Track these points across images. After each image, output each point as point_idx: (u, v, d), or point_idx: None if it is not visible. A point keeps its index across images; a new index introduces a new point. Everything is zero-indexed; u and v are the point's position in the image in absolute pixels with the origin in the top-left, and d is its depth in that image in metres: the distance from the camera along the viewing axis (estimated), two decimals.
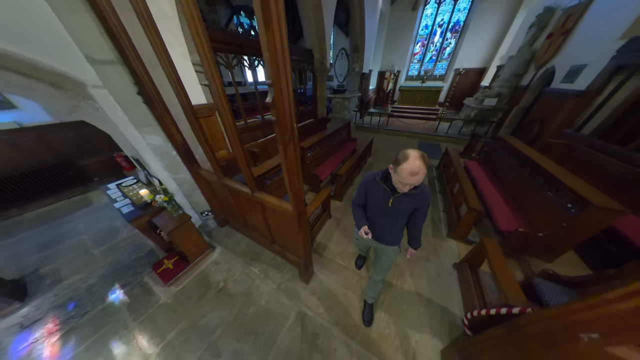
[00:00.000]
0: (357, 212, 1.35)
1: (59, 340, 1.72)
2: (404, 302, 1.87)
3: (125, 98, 1.60)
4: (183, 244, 2.16)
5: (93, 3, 1.23)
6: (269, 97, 0.78)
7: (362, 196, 1.31)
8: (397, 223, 1.28)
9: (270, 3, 0.61)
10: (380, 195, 1.19)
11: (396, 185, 1.06)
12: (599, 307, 0.63)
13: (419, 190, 1.10)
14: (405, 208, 1.18)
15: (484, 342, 1.13)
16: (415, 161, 0.90)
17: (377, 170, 1.23)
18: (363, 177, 1.28)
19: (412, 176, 0.93)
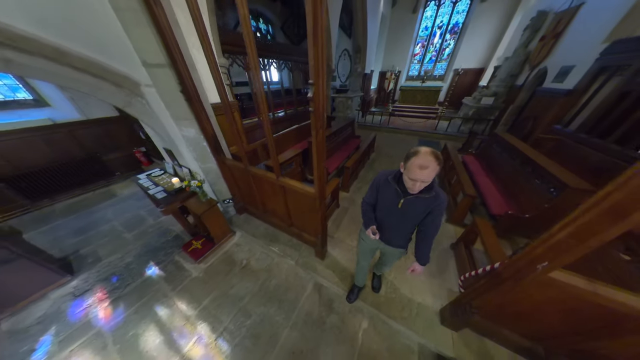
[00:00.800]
0: (366, 211, 1.30)
1: (110, 305, 2.00)
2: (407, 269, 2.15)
3: (169, 95, 1.87)
4: (211, 226, 2.44)
5: (155, 19, 1.50)
6: (310, 93, 1.05)
7: (374, 195, 1.25)
8: (406, 226, 1.22)
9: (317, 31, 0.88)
10: (391, 196, 1.13)
11: (406, 184, 1.00)
12: (548, 240, 0.90)
13: (432, 194, 1.03)
14: (416, 211, 1.11)
15: (473, 293, 1.40)
16: (426, 156, 0.88)
17: (391, 170, 1.17)
18: (376, 176, 1.24)
19: (421, 170, 0.89)
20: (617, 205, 0.68)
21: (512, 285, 1.10)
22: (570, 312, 1.06)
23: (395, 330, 1.74)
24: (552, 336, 1.24)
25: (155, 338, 1.73)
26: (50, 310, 1.96)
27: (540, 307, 1.16)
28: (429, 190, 1.02)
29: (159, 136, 2.32)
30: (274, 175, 1.99)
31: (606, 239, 0.73)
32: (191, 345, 1.68)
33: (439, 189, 1.06)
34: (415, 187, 0.97)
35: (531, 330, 1.34)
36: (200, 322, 1.83)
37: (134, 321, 1.86)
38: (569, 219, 0.82)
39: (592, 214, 0.74)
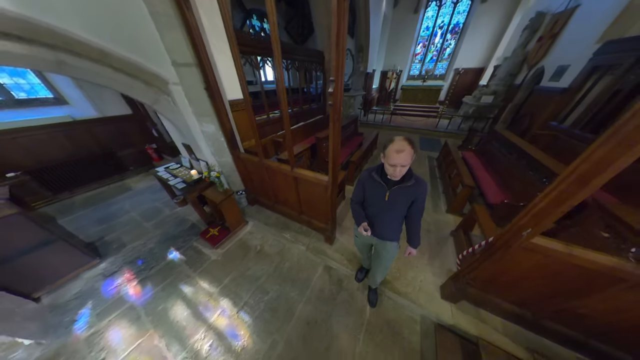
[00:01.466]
0: (356, 210, 1.36)
1: (138, 284, 2.18)
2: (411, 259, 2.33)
3: (194, 92, 2.05)
4: (227, 214, 2.62)
5: (186, 23, 1.68)
6: (330, 88, 1.23)
7: (360, 192, 1.31)
8: (395, 217, 1.27)
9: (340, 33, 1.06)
10: (377, 190, 1.19)
11: (388, 171, 1.06)
12: (531, 209, 1.08)
13: (413, 182, 1.10)
14: (402, 201, 1.18)
15: (469, 267, 1.58)
16: (401, 141, 0.96)
17: (373, 166, 1.24)
18: (360, 174, 1.30)
19: (398, 154, 0.96)
20: (582, 174, 0.85)
21: (503, 253, 1.28)
22: (552, 275, 1.24)
23: (399, 304, 1.92)
24: (538, 300, 1.42)
25: (183, 311, 1.92)
26: (85, 288, 2.14)
27: (527, 274, 1.33)
28: (410, 178, 1.10)
29: (179, 132, 2.51)
30: (288, 167, 2.17)
31: (574, 203, 0.91)
32: (216, 317, 1.86)
33: (418, 176, 1.13)
34: (396, 173, 1.03)
35: (520, 297, 1.51)
36: (222, 298, 2.02)
37: (162, 297, 2.05)
38: (548, 190, 1.00)
39: (565, 184, 0.92)
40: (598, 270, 1.06)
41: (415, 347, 1.64)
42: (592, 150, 0.82)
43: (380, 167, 1.18)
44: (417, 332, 1.74)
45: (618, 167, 0.77)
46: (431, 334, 1.71)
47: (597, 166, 0.81)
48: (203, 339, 1.71)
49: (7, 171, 3.03)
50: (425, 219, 2.93)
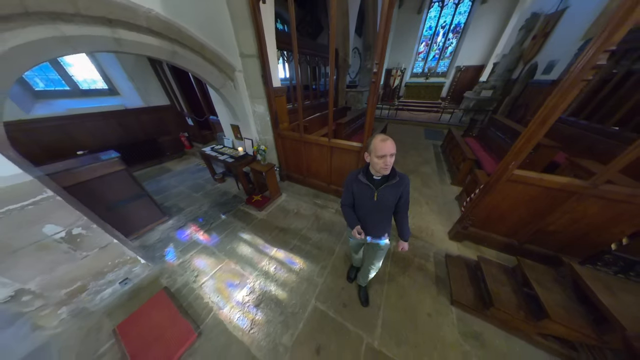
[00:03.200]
0: (347, 213, 1.36)
1: (205, 233, 2.71)
2: (423, 213, 2.86)
3: (253, 78, 2.58)
4: (269, 183, 3.15)
5: (254, 22, 2.21)
6: (375, 69, 1.75)
7: (350, 196, 1.32)
8: (385, 215, 1.30)
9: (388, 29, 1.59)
10: (365, 192, 1.21)
11: (377, 166, 1.08)
12: (514, 148, 1.60)
13: (397, 179, 1.15)
14: (390, 199, 1.21)
15: (470, 208, 2.11)
16: (381, 135, 1.05)
17: (357, 169, 1.27)
18: (346, 179, 1.32)
19: (384, 142, 1.01)
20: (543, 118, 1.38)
21: (496, 187, 1.81)
22: (530, 201, 1.76)
23: (416, 246, 2.44)
24: (521, 227, 1.94)
25: (247, 248, 2.45)
26: (163, 236, 2.68)
27: (512, 205, 1.86)
28: (394, 176, 1.15)
29: (232, 113, 3.03)
30: (325, 139, 2.70)
31: (539, 138, 1.44)
32: (274, 252, 2.39)
33: (400, 173, 1.18)
34: (387, 163, 1.04)
35: (508, 228, 2.04)
36: (275, 241, 2.55)
37: (228, 241, 2.58)
38: (524, 132, 1.53)
39: (534, 125, 1.45)
40: (558, 188, 1.59)
41: (430, 270, 2.17)
42: (549, 100, 1.35)
43: (365, 169, 1.21)
44: (431, 263, 2.25)
45: (560, 110, 1.30)
46: (442, 263, 2.22)
47: (552, 110, 1.34)
48: (268, 264, 2.24)
49: (78, 149, 3.56)
50: (434, 189, 3.46)
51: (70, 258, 1.58)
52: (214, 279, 2.10)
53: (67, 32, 1.32)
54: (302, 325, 1.69)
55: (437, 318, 1.73)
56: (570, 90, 1.26)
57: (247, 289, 1.99)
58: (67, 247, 1.54)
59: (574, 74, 1.23)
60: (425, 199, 3.20)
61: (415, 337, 1.60)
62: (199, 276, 2.14)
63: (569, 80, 1.24)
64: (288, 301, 1.87)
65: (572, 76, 1.23)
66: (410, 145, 5.77)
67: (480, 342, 1.57)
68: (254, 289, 1.99)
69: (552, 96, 1.33)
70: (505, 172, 1.69)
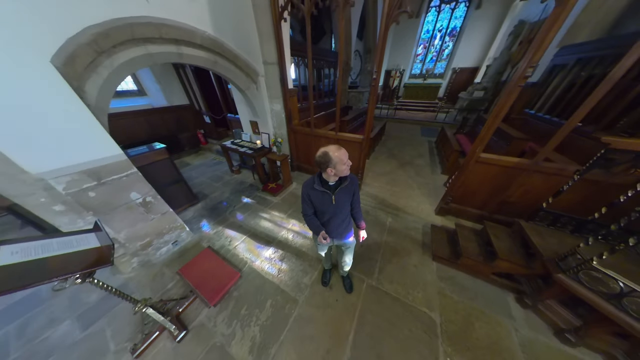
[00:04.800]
0: (311, 222, 1.41)
1: (231, 213, 3.23)
2: (415, 196, 3.37)
3: (271, 82, 3.10)
4: (284, 171, 3.67)
5: (276, 36, 2.72)
6: (375, 75, 2.26)
7: (309, 205, 1.37)
8: (345, 215, 1.41)
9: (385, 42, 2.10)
10: (323, 199, 1.29)
11: (343, 173, 1.19)
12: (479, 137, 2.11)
13: (349, 180, 1.27)
14: (346, 199, 1.33)
15: (451, 186, 2.61)
16: (333, 146, 1.16)
17: (309, 179, 1.34)
18: (301, 190, 1.36)
19: (340, 149, 1.14)
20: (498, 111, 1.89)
21: (466, 166, 2.32)
22: (493, 178, 2.27)
23: (408, 220, 2.95)
24: (489, 199, 2.44)
25: (268, 223, 2.96)
26: (196, 214, 3.19)
27: (481, 182, 2.36)
28: (346, 178, 1.27)
29: (253, 111, 3.54)
30: (333, 133, 3.21)
31: (494, 128, 1.95)
32: (290, 226, 2.90)
33: (350, 174, 1.29)
34: (347, 169, 1.20)
35: (479, 201, 2.54)
36: (290, 219, 3.05)
37: (251, 218, 3.09)
38: (486, 124, 2.03)
39: (491, 118, 1.96)
40: (512, 166, 2.10)
41: (418, 238, 2.67)
42: (501, 100, 1.86)
43: (318, 178, 1.29)
44: (419, 233, 2.76)
45: (506, 108, 1.81)
46: (428, 234, 2.73)
47: (502, 107, 1.85)
48: (286, 234, 2.76)
49: None
50: (426, 178, 3.98)
51: (144, 218, 2.10)
52: (244, 243, 2.61)
53: (151, 50, 1.84)
54: (317, 272, 2.20)
55: (421, 268, 2.24)
56: (511, 93, 1.77)
57: (272, 249, 2.50)
58: (143, 210, 2.06)
59: (513, 82, 1.74)
60: (417, 185, 3.72)
61: (404, 279, 2.11)
62: (232, 241, 2.65)
63: (510, 86, 1.76)
64: (305, 257, 2.39)
65: (512, 83, 1.75)
66: (407, 141, 6.28)
67: (452, 282, 2.08)
68: (278, 250, 2.50)
69: (502, 97, 1.84)
70: (474, 155, 2.20)
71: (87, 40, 1.41)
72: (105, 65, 1.60)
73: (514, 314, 1.82)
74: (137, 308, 1.46)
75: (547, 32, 1.52)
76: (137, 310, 1.46)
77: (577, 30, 4.05)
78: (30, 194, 1.45)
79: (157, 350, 1.59)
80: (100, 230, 1.28)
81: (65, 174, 1.50)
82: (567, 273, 1.44)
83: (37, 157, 1.37)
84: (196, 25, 2.05)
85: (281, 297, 1.96)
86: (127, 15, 1.58)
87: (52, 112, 1.35)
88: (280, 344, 1.62)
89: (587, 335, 1.50)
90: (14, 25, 1.16)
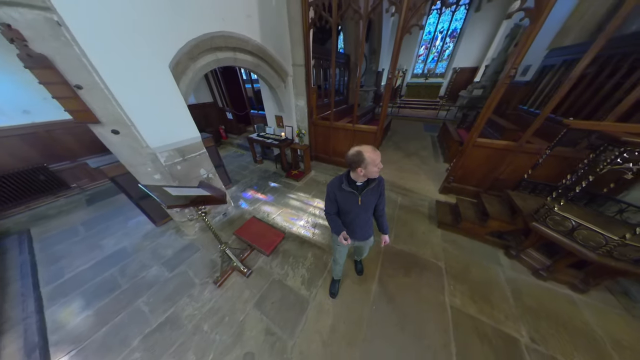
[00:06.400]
0: (333, 221, 1.39)
1: (263, 194, 3.74)
2: (421, 180, 3.88)
3: (299, 81, 3.61)
4: (305, 159, 4.18)
5: (305, 43, 3.23)
6: (390, 75, 2.77)
7: (334, 204, 1.36)
8: (368, 216, 1.41)
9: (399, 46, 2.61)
10: (350, 199, 1.27)
11: (373, 175, 1.17)
12: (475, 126, 2.63)
13: (376, 181, 1.25)
14: (372, 200, 1.32)
15: (452, 167, 3.12)
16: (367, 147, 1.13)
17: (336, 178, 1.31)
18: (327, 189, 1.35)
19: (375, 152, 1.11)
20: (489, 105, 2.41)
21: (465, 150, 2.83)
22: (487, 158, 2.78)
23: (415, 198, 3.46)
24: (484, 177, 2.95)
25: (296, 202, 3.48)
26: (233, 195, 3.71)
27: (477, 163, 2.87)
28: (374, 179, 1.23)
29: (279, 107, 4.05)
30: (350, 125, 3.73)
31: (486, 118, 2.46)
32: (316, 204, 3.41)
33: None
34: (378, 172, 1.17)
35: (476, 180, 3.04)
36: (314, 199, 3.57)
37: (281, 198, 3.61)
38: (480, 115, 2.54)
39: (484, 109, 2.47)
40: (501, 148, 2.61)
41: (425, 212, 3.18)
42: (492, 95, 2.37)
43: (346, 177, 1.27)
44: (426, 208, 3.27)
45: (497, 101, 2.32)
46: (433, 208, 3.24)
47: (492, 100, 2.36)
48: (314, 209, 3.27)
49: None
50: (430, 166, 4.49)
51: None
52: (280, 216, 3.13)
53: (219, 56, 2.36)
54: None
55: (428, 233, 2.75)
56: (499, 89, 2.28)
57: (304, 220, 3.02)
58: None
59: (501, 80, 2.25)
60: (423, 172, 4.23)
61: (415, 241, 2.62)
62: (269, 215, 3.17)
63: (499, 84, 2.26)
64: None
65: (500, 82, 2.25)
66: (411, 136, 6.79)
67: (454, 243, 2.59)
68: (309, 220, 3.02)
69: (492, 92, 2.34)
70: (471, 140, 2.71)
71: (187, 50, 1.93)
72: (191, 68, 2.12)
73: (502, 262, 2.33)
74: (221, 247, 1.98)
75: (525, 42, 2.03)
76: (222, 248, 1.98)
77: (564, 34, 4.55)
78: (143, 164, 1.97)
79: (232, 282, 2.11)
80: (203, 187, 1.80)
81: (167, 149, 2.02)
82: (538, 221, 1.95)
83: (153, 136, 1.88)
84: (249, 36, 2.57)
85: (318, 250, 2.48)
86: (210, 30, 2.09)
87: (166, 103, 1.87)
88: (324, 279, 2.14)
89: (555, 270, 2.01)
90: (153, 41, 1.68)
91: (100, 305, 1.94)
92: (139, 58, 1.62)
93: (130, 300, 1.98)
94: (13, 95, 2.91)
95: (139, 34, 1.58)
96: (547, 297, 1.99)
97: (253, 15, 2.55)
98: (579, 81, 3.96)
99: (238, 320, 1.80)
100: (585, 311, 1.87)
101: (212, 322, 1.79)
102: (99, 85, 1.51)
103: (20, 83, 2.90)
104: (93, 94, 1.51)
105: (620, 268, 1.57)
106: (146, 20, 1.61)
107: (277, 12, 2.88)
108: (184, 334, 1.71)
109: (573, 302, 1.94)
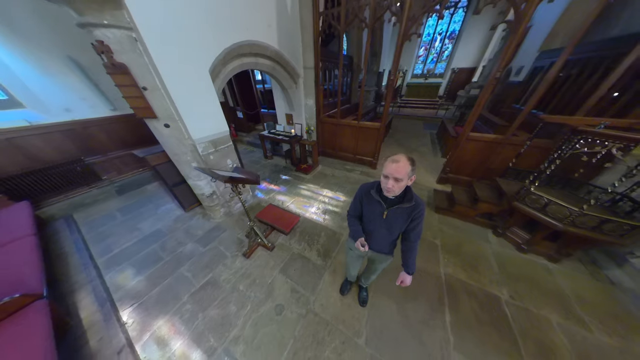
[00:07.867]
0: (353, 223, 1.34)
1: (275, 185, 4.10)
2: (421, 174, 4.24)
3: (308, 82, 3.97)
4: (314, 154, 4.54)
5: (315, 47, 3.59)
6: (392, 76, 3.12)
7: (358, 207, 1.30)
8: (391, 235, 1.27)
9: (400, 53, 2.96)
10: (375, 208, 1.19)
11: (382, 185, 1.05)
12: (468, 121, 2.98)
13: (412, 203, 1.09)
14: (400, 221, 1.16)
15: (448, 160, 3.48)
16: (399, 154, 0.98)
17: (371, 182, 1.23)
18: (358, 189, 1.29)
19: (392, 163, 0.95)
20: (479, 102, 2.76)
21: (459, 143, 3.18)
22: (479, 150, 3.13)
23: (415, 188, 3.81)
24: (476, 168, 3.30)
25: (307, 192, 3.84)
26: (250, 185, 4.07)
27: (470, 155, 3.22)
28: (410, 199, 1.09)
29: (290, 105, 4.41)
30: (355, 122, 4.08)
31: (477, 114, 2.81)
32: (325, 193, 3.77)
33: (418, 197, 1.12)
34: (388, 186, 1.00)
35: (470, 170, 3.39)
36: (323, 189, 3.93)
37: (292, 189, 3.96)
38: (472, 112, 2.90)
39: (475, 107, 2.83)
40: (491, 141, 2.96)
41: (424, 200, 3.53)
42: (481, 94, 2.72)
43: (378, 185, 1.16)
44: (424, 196, 3.62)
45: (485, 99, 2.68)
46: (431, 196, 3.59)
47: (481, 98, 2.71)
48: (323, 198, 3.63)
49: None
50: (429, 160, 4.85)
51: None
52: (293, 204, 3.49)
53: (244, 61, 2.72)
54: None
55: (427, 217, 3.10)
56: (488, 89, 2.63)
57: (315, 207, 3.38)
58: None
59: (489, 80, 2.60)
60: (422, 166, 4.58)
61: None
62: (284, 203, 3.53)
63: (487, 84, 2.61)
64: (340, 212, 3.25)
65: (489, 81, 2.60)
66: (411, 134, 7.14)
67: (449, 225, 2.95)
68: (319, 207, 3.37)
69: (482, 92, 2.69)
70: (465, 134, 3.06)
71: (222, 57, 2.28)
72: (223, 72, 2.48)
73: (490, 240, 2.69)
74: (249, 223, 2.34)
75: (507, 49, 2.37)
76: (251, 224, 2.34)
77: (553, 38, 4.89)
78: (184, 154, 2.33)
79: (259, 255, 2.47)
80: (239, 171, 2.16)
81: (204, 141, 2.38)
82: (519, 200, 2.30)
83: (195, 129, 2.24)
84: (269, 42, 2.92)
85: (330, 231, 2.84)
86: (239, 40, 2.45)
87: (206, 102, 2.23)
88: (338, 252, 2.49)
89: (533, 242, 2.36)
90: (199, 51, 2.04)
91: (150, 272, 2.30)
92: (189, 65, 1.98)
93: (174, 268, 2.34)
94: (57, 96, 3.28)
95: (190, 46, 1.94)
96: (526, 266, 2.34)
97: (272, 24, 2.91)
98: (565, 80, 4.33)
99: (267, 282, 2.16)
100: (557, 276, 2.22)
101: (245, 283, 2.15)
102: (159, 87, 1.87)
103: (61, 85, 3.27)
104: (154, 94, 1.87)
105: (581, 234, 1.92)
106: (196, 34, 1.97)
107: (291, 20, 3.24)
108: (223, 292, 2.07)
109: (548, 270, 2.29)
